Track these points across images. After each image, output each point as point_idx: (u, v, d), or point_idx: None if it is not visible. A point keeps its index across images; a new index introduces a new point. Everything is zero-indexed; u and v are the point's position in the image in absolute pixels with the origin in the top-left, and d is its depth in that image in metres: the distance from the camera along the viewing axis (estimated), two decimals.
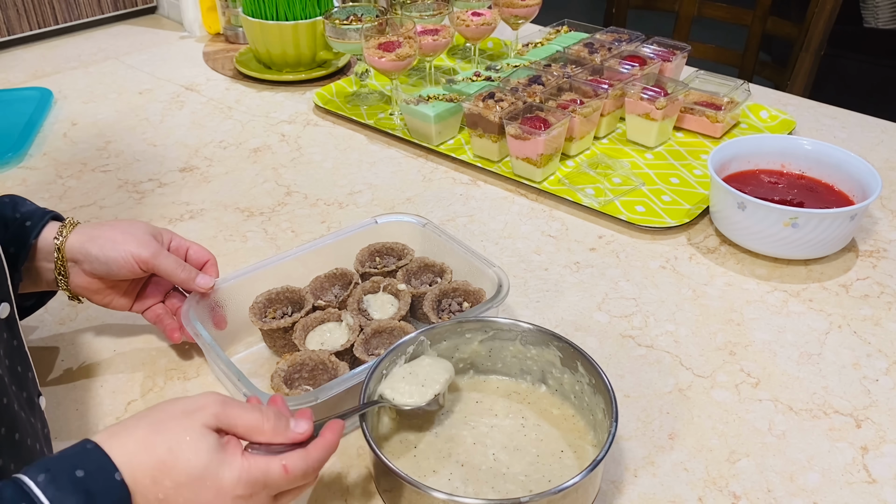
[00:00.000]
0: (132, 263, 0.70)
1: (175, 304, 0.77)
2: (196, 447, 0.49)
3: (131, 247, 0.70)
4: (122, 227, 0.72)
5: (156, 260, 0.71)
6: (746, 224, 0.87)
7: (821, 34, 1.52)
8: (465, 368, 0.70)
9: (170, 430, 0.49)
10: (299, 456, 0.53)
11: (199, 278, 0.73)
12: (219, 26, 1.56)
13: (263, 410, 0.53)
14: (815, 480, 0.63)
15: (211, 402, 0.51)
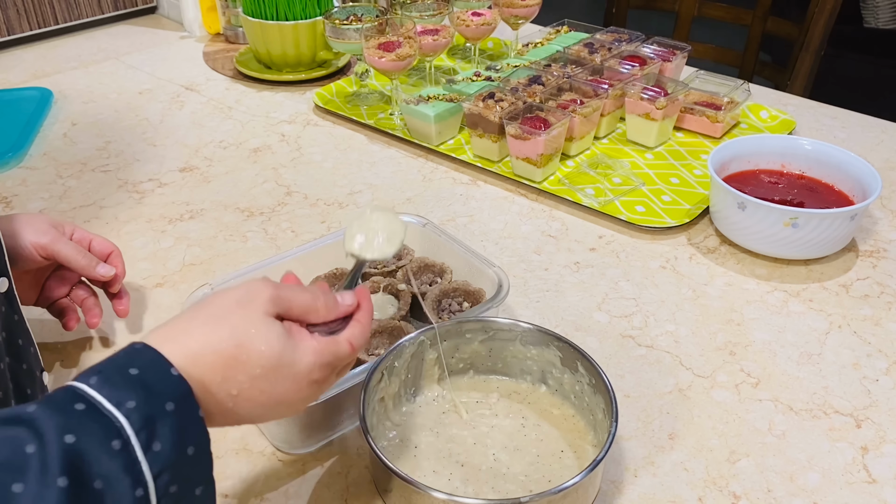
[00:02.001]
0: (31, 251, 0.70)
1: (81, 295, 0.77)
2: (266, 337, 0.47)
3: (29, 235, 0.70)
4: (21, 218, 0.72)
5: (55, 246, 0.70)
6: (746, 224, 0.87)
7: (821, 34, 1.51)
8: (464, 368, 0.70)
9: (231, 324, 0.47)
10: (358, 330, 0.52)
11: (100, 267, 0.73)
12: (219, 26, 1.56)
13: (311, 290, 0.52)
14: (816, 480, 0.63)
15: (262, 287, 0.49)
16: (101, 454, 0.38)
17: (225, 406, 0.46)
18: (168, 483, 0.40)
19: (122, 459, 0.39)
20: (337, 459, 0.66)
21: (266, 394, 0.47)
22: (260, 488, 0.63)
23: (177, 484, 0.41)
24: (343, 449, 0.67)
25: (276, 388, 0.48)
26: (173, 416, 0.42)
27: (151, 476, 0.40)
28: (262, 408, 0.48)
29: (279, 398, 0.48)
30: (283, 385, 0.48)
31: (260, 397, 0.47)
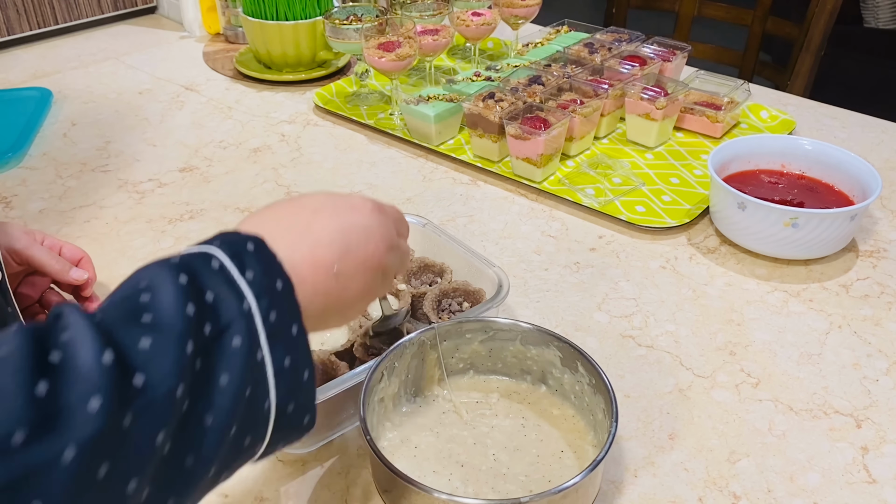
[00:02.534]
0: (6, 256, 0.70)
1: (52, 300, 0.77)
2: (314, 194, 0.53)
3: (3, 241, 0.70)
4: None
5: (29, 251, 0.71)
6: (746, 224, 0.87)
7: (821, 34, 1.51)
8: (464, 368, 0.70)
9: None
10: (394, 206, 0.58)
11: (73, 271, 0.74)
12: (219, 26, 1.55)
13: None
14: (816, 480, 0.63)
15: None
16: (205, 272, 0.41)
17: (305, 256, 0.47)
18: (268, 308, 0.42)
19: (223, 277, 0.41)
20: (337, 459, 0.66)
21: (329, 213, 0.50)
22: (259, 488, 0.63)
23: (275, 311, 0.42)
24: (343, 449, 0.67)
25: (339, 210, 0.51)
26: (255, 254, 0.43)
27: (252, 295, 0.41)
28: (338, 229, 0.49)
29: (347, 218, 0.50)
30: (345, 205, 0.51)
31: (326, 217, 0.50)
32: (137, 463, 0.35)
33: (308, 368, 0.44)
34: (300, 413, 0.44)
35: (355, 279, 0.50)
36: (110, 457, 0.33)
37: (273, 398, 0.42)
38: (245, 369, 0.40)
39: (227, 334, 0.39)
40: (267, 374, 0.41)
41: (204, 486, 0.40)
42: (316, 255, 0.48)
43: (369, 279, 0.51)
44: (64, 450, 0.31)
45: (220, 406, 0.39)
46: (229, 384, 0.39)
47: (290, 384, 0.43)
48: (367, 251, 0.50)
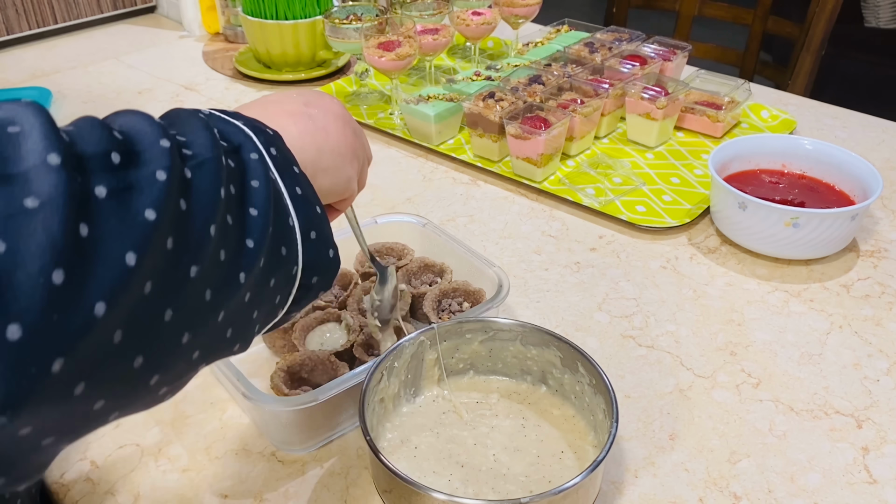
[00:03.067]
0: None
1: None
2: None
3: None
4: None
5: None
6: (747, 224, 0.87)
7: (822, 34, 1.51)
8: (464, 369, 0.70)
9: None
10: None
11: None
12: (218, 26, 1.55)
13: None
14: (816, 481, 0.63)
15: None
16: (193, 119, 0.43)
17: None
18: (266, 143, 0.45)
19: (215, 119, 0.44)
20: (337, 460, 0.65)
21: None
22: (260, 488, 0.63)
23: (274, 147, 0.45)
24: (343, 449, 0.66)
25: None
26: (235, 120, 0.46)
27: (248, 128, 0.45)
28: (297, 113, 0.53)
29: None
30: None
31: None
32: (210, 206, 0.38)
33: (318, 204, 0.47)
34: (323, 245, 0.47)
35: (330, 122, 0.54)
36: (188, 195, 0.37)
37: (294, 217, 0.45)
38: (267, 179, 0.43)
39: (243, 150, 0.43)
40: (283, 194, 0.44)
41: (258, 296, 0.43)
42: (285, 106, 0.53)
43: (343, 126, 0.55)
44: (157, 171, 0.35)
45: (258, 201, 0.42)
46: (259, 187, 0.42)
47: (305, 211, 0.46)
48: (326, 102, 0.55)
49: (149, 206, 0.34)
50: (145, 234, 0.33)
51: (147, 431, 0.68)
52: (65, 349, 0.31)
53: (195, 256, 0.37)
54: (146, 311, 0.34)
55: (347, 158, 0.55)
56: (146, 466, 0.65)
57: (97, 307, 0.31)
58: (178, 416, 0.70)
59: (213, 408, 0.71)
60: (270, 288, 0.44)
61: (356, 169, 0.57)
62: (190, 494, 0.63)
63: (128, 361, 0.34)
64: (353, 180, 0.56)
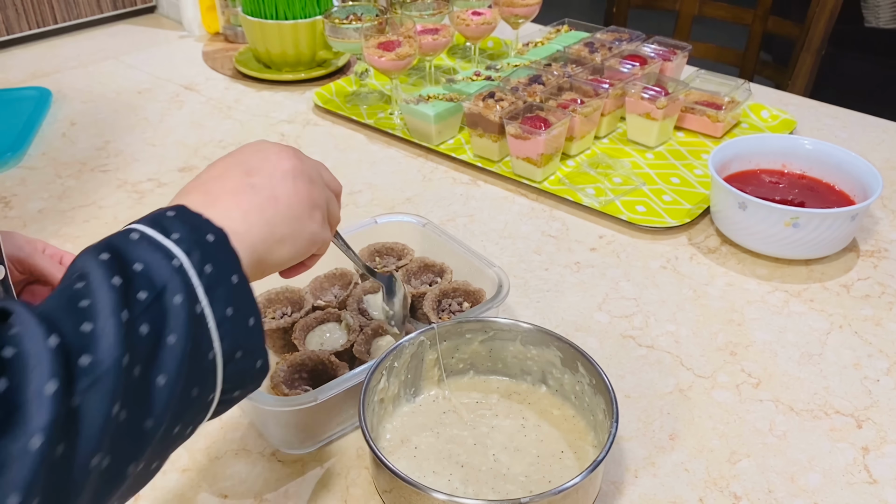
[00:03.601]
0: (9, 266, 0.70)
1: None
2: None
3: (6, 250, 0.70)
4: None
5: (32, 260, 0.71)
6: (747, 224, 0.87)
7: (821, 34, 1.51)
8: (465, 369, 0.70)
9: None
10: None
11: None
12: (218, 26, 1.55)
13: None
14: (816, 481, 0.63)
15: None
16: (126, 245, 0.42)
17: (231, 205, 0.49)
18: (201, 261, 0.43)
19: (147, 243, 0.43)
20: (337, 460, 0.65)
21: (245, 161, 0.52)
22: (260, 488, 0.63)
23: (210, 264, 0.43)
24: (343, 449, 0.66)
25: (253, 156, 0.52)
26: (178, 218, 0.45)
27: (182, 252, 0.43)
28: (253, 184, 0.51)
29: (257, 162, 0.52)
30: (257, 154, 0.52)
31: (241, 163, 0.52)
32: (96, 436, 0.36)
33: (253, 315, 0.45)
34: (250, 359, 0.46)
35: (279, 186, 0.51)
36: (71, 435, 0.34)
37: (217, 348, 0.43)
38: (188, 325, 0.41)
39: (166, 294, 0.41)
40: (208, 325, 0.42)
41: (163, 444, 0.42)
42: (226, 183, 0.50)
43: (294, 184, 0.52)
44: (31, 438, 0.32)
45: (170, 365, 0.40)
46: (177, 342, 0.40)
47: (234, 332, 0.44)
48: (272, 164, 0.52)
49: (14, 490, 0.32)
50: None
51: None
52: None
53: (78, 490, 0.35)
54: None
55: (305, 217, 0.53)
56: None
57: None
58: None
59: None
60: (175, 432, 0.43)
61: (318, 220, 0.54)
62: (190, 494, 0.63)
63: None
64: (318, 233, 0.54)
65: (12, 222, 0.98)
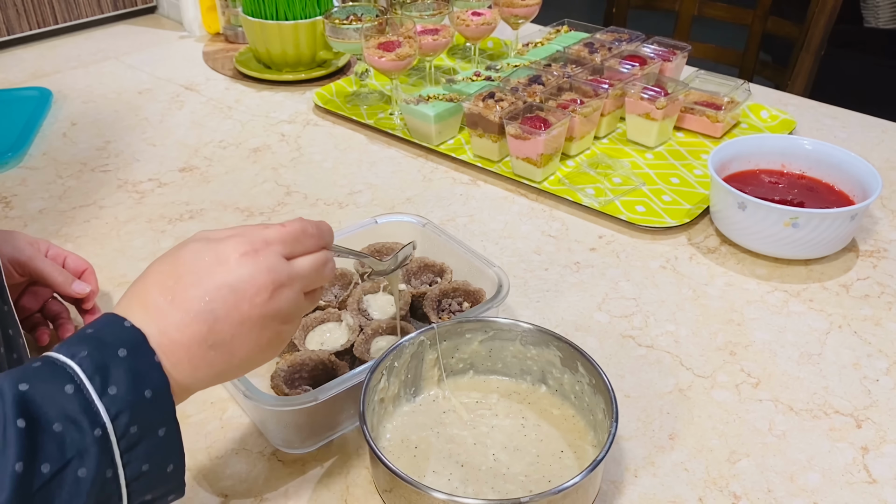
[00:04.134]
0: (8, 269, 0.70)
1: (53, 310, 0.78)
2: (187, 246, 0.51)
3: (7, 252, 0.70)
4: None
5: (33, 263, 0.72)
6: (747, 224, 0.87)
7: (821, 34, 1.51)
8: (464, 368, 0.70)
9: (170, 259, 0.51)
10: (296, 221, 0.53)
11: (76, 284, 0.74)
12: (218, 26, 1.55)
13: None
14: (816, 480, 0.63)
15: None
16: (56, 398, 0.41)
17: (188, 339, 0.47)
18: (128, 424, 0.43)
19: (77, 402, 0.42)
20: (337, 459, 0.66)
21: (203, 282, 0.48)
22: (260, 488, 0.63)
23: (137, 425, 0.43)
24: (343, 449, 0.67)
25: (202, 271, 0.48)
26: (127, 361, 0.44)
27: (109, 417, 0.42)
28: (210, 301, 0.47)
29: (214, 282, 0.48)
30: (211, 261, 0.48)
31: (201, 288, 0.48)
32: None
33: (173, 461, 0.46)
34: (162, 497, 0.47)
35: (239, 341, 0.49)
36: None
37: (125, 500, 0.44)
38: (91, 493, 0.41)
39: (70, 467, 0.41)
40: (120, 485, 0.43)
41: None
42: (185, 335, 0.47)
43: (258, 334, 0.49)
44: None
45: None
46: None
47: (147, 484, 0.45)
48: (241, 312, 0.48)
49: None
50: None
51: None
52: None
53: None
54: None
55: (256, 363, 0.51)
56: None
57: None
58: (179, 416, 0.70)
59: (213, 408, 0.71)
60: None
61: (288, 330, 0.52)
62: (190, 494, 0.63)
63: None
64: (287, 333, 0.52)
65: (13, 222, 0.98)
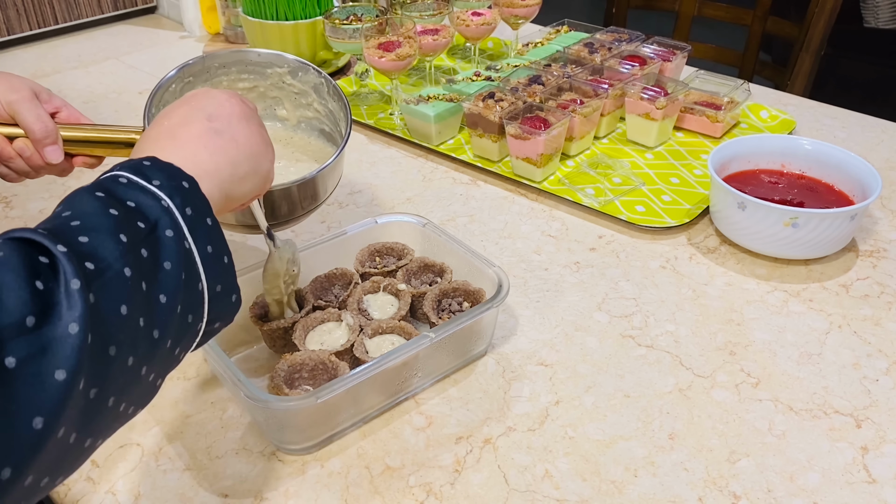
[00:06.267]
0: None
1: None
2: None
3: (1, 88, 0.67)
4: (1, 74, 0.70)
5: (15, 106, 0.67)
6: (746, 224, 0.87)
7: (821, 34, 1.51)
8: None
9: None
10: None
11: (50, 149, 0.68)
12: (219, 26, 1.55)
13: None
14: (816, 480, 0.63)
15: None
16: (117, 188, 0.46)
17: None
18: (182, 204, 0.48)
19: (135, 188, 0.47)
20: (337, 459, 0.66)
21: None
22: (260, 488, 0.63)
23: (190, 206, 0.48)
24: (343, 449, 0.67)
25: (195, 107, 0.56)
26: (155, 165, 0.49)
27: (165, 195, 0.47)
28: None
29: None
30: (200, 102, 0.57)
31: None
32: (115, 331, 0.41)
33: (226, 254, 0.50)
34: (227, 293, 0.50)
35: (236, 128, 0.56)
36: (97, 327, 0.40)
37: (204, 281, 0.48)
38: (180, 256, 0.46)
39: (159, 227, 0.46)
40: (196, 260, 0.47)
41: (165, 361, 0.46)
42: (192, 130, 0.54)
43: (248, 124, 0.58)
44: (69, 324, 0.38)
45: (169, 287, 0.45)
46: (172, 269, 0.45)
47: (214, 268, 0.49)
48: (227, 107, 0.57)
49: (59, 367, 0.37)
50: (55, 398, 0.37)
51: (147, 431, 0.69)
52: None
53: (106, 381, 0.41)
54: (64, 446, 0.39)
55: (262, 154, 0.58)
56: (147, 466, 0.65)
57: (3, 472, 0.36)
58: (179, 416, 0.70)
59: (213, 408, 0.71)
60: (174, 352, 0.47)
61: (271, 158, 0.60)
62: (190, 494, 0.63)
63: (81, 446, 0.41)
64: (271, 171, 0.60)
65: (13, 222, 0.99)
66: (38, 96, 0.70)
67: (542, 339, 0.78)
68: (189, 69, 0.81)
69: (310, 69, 0.85)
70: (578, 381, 0.73)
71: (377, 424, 0.69)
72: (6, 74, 0.70)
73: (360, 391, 0.67)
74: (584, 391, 0.72)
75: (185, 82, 0.82)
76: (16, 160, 0.70)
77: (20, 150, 0.69)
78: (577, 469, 0.64)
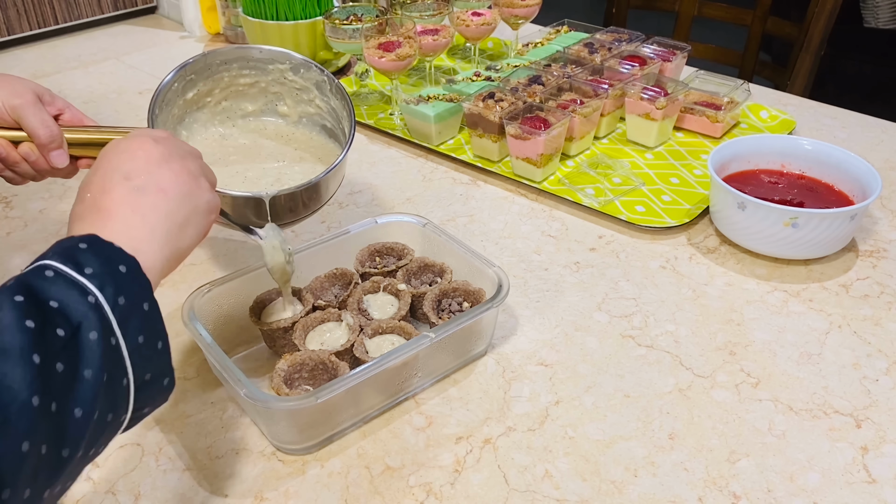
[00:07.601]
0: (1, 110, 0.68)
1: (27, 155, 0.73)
2: None
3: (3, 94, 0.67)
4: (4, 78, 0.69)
5: (22, 111, 0.67)
6: (746, 224, 0.87)
7: (821, 34, 1.51)
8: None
9: None
10: None
11: (56, 153, 0.69)
12: (219, 26, 1.56)
13: None
14: (815, 480, 0.63)
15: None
16: (42, 284, 0.44)
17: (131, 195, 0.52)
18: (114, 294, 0.45)
19: (62, 282, 0.44)
20: (337, 459, 0.66)
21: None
22: (260, 488, 0.63)
23: (123, 296, 0.46)
24: (343, 449, 0.67)
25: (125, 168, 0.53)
26: (90, 250, 0.46)
27: (95, 288, 0.45)
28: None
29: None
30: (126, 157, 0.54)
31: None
32: (9, 475, 0.38)
33: (161, 339, 0.48)
34: (158, 379, 0.49)
35: (159, 176, 0.53)
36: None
37: (131, 375, 0.46)
38: (103, 358, 0.43)
39: (81, 330, 0.43)
40: (123, 355, 0.45)
41: (77, 467, 0.44)
42: (114, 196, 0.51)
43: (169, 167, 0.54)
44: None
45: (86, 397, 0.42)
46: (92, 375, 0.43)
47: (144, 358, 0.47)
48: (141, 158, 0.54)
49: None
50: None
51: (148, 431, 0.69)
52: None
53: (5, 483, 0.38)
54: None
55: (194, 190, 0.55)
56: (147, 466, 0.65)
57: None
58: (179, 416, 0.70)
59: (213, 408, 0.71)
60: (87, 454, 0.45)
61: (206, 188, 0.57)
62: (190, 494, 0.63)
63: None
64: (211, 200, 0.57)
65: (13, 222, 0.99)
66: (42, 99, 0.70)
67: (542, 339, 0.78)
68: (191, 66, 0.82)
69: (312, 67, 0.86)
70: (578, 381, 0.73)
71: (377, 424, 0.69)
72: (9, 77, 0.70)
73: (360, 391, 0.67)
74: (584, 391, 0.72)
75: (186, 80, 0.82)
76: (21, 164, 0.70)
77: (25, 155, 0.69)
78: (577, 469, 0.64)
